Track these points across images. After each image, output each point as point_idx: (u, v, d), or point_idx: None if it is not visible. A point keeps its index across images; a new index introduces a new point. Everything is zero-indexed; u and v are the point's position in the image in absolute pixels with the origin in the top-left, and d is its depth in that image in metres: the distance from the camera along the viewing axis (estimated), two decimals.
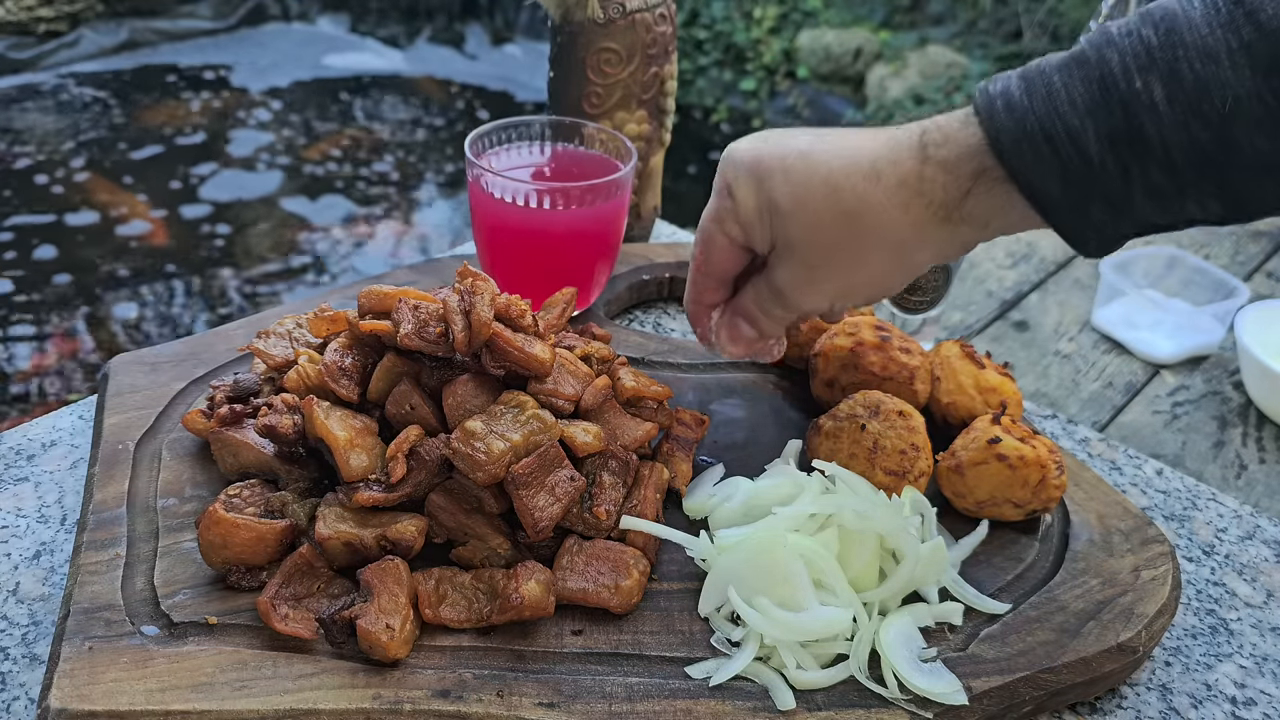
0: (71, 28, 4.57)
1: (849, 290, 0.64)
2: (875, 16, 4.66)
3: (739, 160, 0.63)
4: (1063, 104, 0.53)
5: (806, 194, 0.60)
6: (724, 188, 0.65)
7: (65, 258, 3.18)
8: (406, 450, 0.62)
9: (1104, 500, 0.74)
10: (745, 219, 0.63)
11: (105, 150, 3.85)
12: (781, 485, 0.68)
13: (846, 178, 0.59)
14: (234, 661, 0.56)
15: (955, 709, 0.57)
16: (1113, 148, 0.52)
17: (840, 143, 0.60)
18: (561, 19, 0.91)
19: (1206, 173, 0.52)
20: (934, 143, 0.57)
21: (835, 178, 0.59)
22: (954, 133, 0.57)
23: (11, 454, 0.75)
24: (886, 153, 0.58)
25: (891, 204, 0.58)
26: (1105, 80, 0.52)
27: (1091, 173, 0.53)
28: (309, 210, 3.60)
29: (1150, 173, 0.52)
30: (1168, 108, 0.51)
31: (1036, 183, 0.54)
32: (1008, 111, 0.54)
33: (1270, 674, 0.66)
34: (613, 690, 0.57)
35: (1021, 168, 0.54)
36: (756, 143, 0.63)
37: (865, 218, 0.59)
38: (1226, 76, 0.49)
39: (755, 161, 0.62)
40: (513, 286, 0.81)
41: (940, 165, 0.57)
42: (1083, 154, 0.53)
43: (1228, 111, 0.50)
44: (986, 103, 0.56)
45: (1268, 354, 1.00)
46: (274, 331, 0.76)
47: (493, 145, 0.88)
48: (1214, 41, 0.50)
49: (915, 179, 0.58)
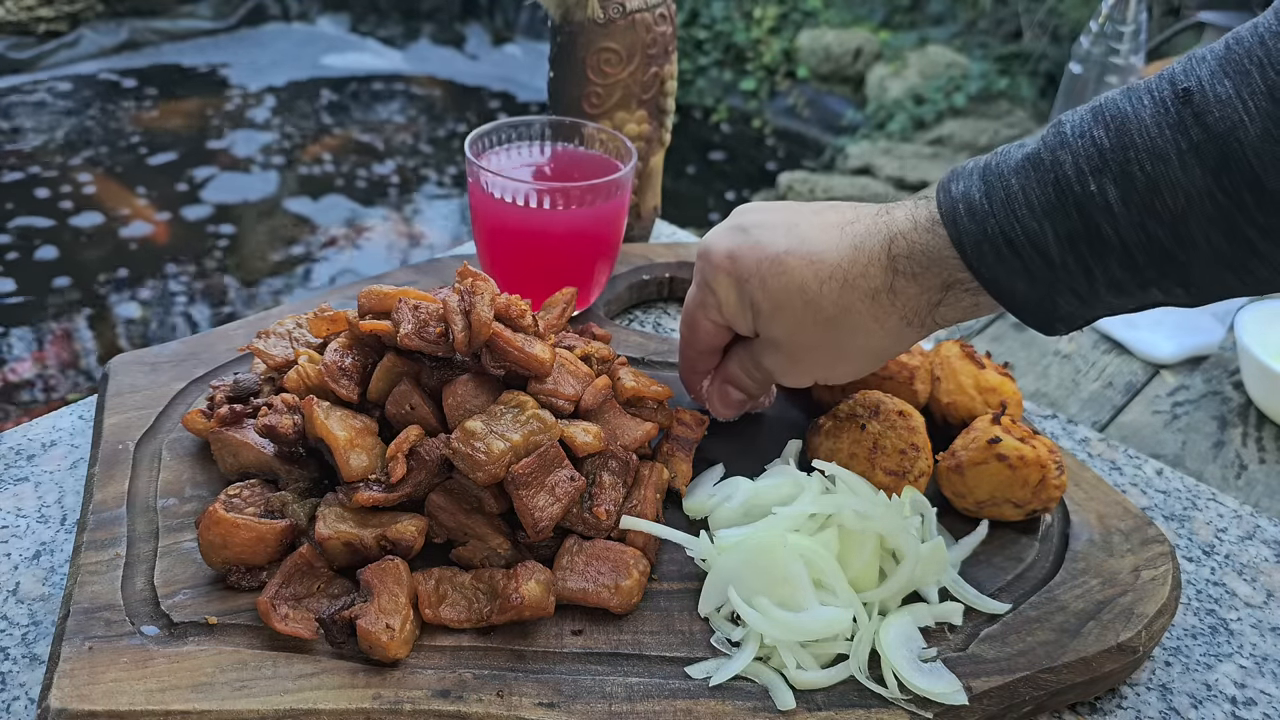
0: (71, 28, 4.57)
1: (830, 376, 0.68)
2: (875, 16, 4.66)
3: (716, 262, 0.65)
4: (1020, 208, 0.54)
5: (785, 301, 0.62)
6: (704, 283, 0.67)
7: (65, 258, 3.18)
8: (406, 450, 0.62)
9: (1104, 500, 0.74)
10: (728, 314, 0.67)
11: (105, 150, 3.85)
12: (781, 485, 0.68)
13: (820, 290, 0.61)
14: (234, 661, 0.56)
15: (955, 709, 0.57)
16: (1073, 248, 0.53)
17: (811, 248, 0.62)
18: (561, 19, 0.91)
19: (1167, 269, 0.53)
20: (901, 255, 0.59)
21: (810, 290, 0.61)
22: (919, 242, 0.58)
23: (11, 454, 0.75)
24: (854, 264, 0.60)
25: (865, 314, 0.61)
26: (1060, 183, 0.53)
27: (1054, 272, 0.54)
28: (309, 210, 3.60)
29: (1112, 269, 0.53)
30: (1123, 208, 0.51)
31: (1003, 282, 0.56)
32: (969, 215, 0.56)
33: (1270, 674, 0.66)
34: (613, 690, 0.57)
35: (986, 269, 0.56)
36: (731, 241, 0.65)
37: (841, 325, 0.62)
38: (1177, 177, 0.50)
39: (732, 264, 0.64)
40: (513, 286, 0.82)
41: (910, 279, 0.59)
42: (1044, 255, 0.54)
43: (1180, 211, 0.50)
44: (949, 206, 0.57)
45: (1268, 354, 1.00)
46: (274, 331, 0.76)
47: (493, 145, 0.88)
48: (1164, 143, 0.50)
49: (886, 293, 0.60)
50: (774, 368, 0.68)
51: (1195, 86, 0.50)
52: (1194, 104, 0.50)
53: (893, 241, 0.59)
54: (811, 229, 0.63)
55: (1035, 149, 0.55)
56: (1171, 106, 0.51)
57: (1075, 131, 0.54)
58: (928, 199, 0.60)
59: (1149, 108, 0.52)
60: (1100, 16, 1.54)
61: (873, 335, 0.62)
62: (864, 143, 4.07)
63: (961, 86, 4.09)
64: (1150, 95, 0.52)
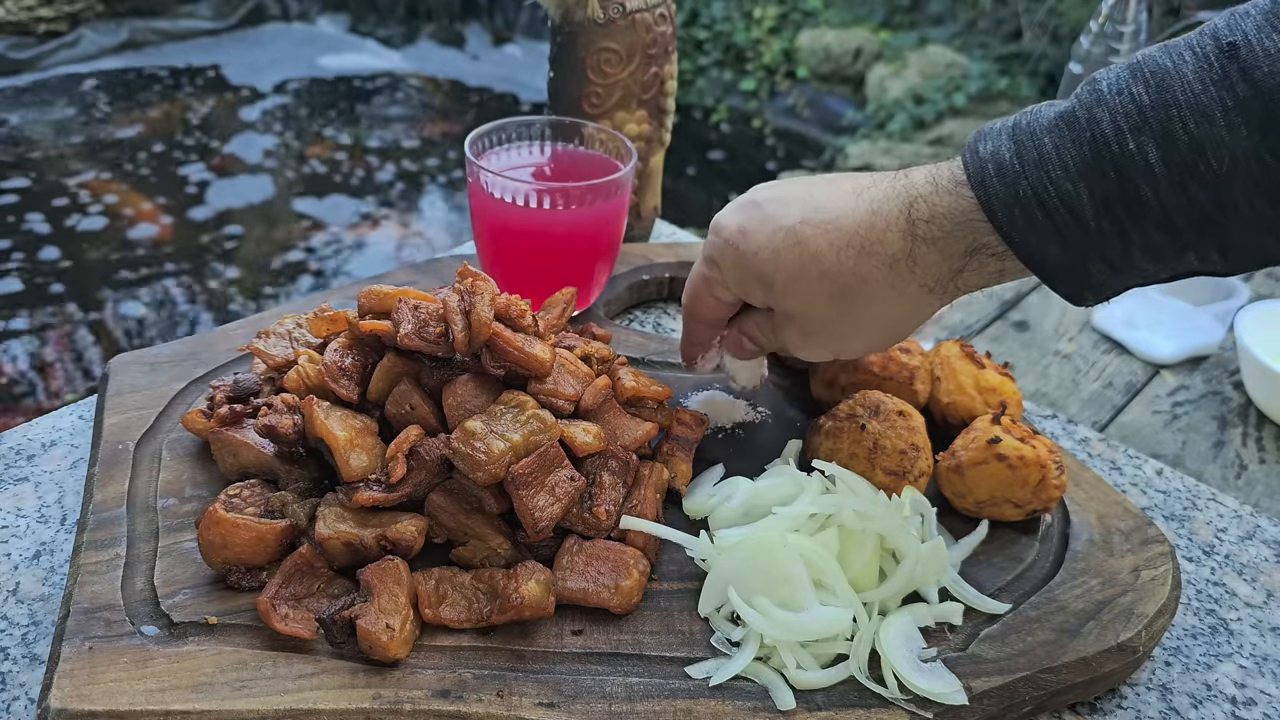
0: (71, 28, 4.57)
1: (847, 349, 0.66)
2: (875, 16, 4.66)
3: (728, 238, 0.63)
4: (1055, 168, 0.51)
5: (800, 275, 0.60)
6: (711, 259, 0.65)
7: (65, 258, 3.18)
8: (406, 450, 0.62)
9: (1104, 500, 0.74)
10: (739, 290, 0.65)
11: (105, 151, 3.85)
12: (781, 485, 0.68)
13: (837, 259, 0.58)
14: (234, 661, 0.56)
15: (955, 709, 0.57)
16: (1108, 211, 0.51)
17: (826, 216, 0.59)
18: (561, 19, 0.91)
19: (1207, 233, 0.50)
20: (921, 218, 0.56)
21: (825, 260, 0.59)
22: (941, 205, 0.55)
23: (11, 454, 0.75)
24: (871, 230, 0.57)
25: (883, 283, 0.58)
26: (1097, 142, 0.50)
27: (1088, 236, 0.52)
28: (309, 210, 3.60)
29: (1149, 234, 0.51)
30: (1163, 170, 0.49)
31: (1034, 246, 0.53)
32: (999, 176, 0.53)
33: (1270, 674, 0.66)
34: (613, 690, 0.57)
35: (1016, 233, 0.53)
36: (743, 216, 0.63)
37: (858, 295, 0.59)
38: (1222, 136, 0.48)
39: (743, 238, 0.62)
40: (513, 286, 0.82)
41: (931, 244, 0.56)
42: (1078, 218, 0.51)
43: (1224, 173, 0.48)
44: (977, 166, 0.54)
45: (1268, 354, 1.00)
46: (274, 331, 0.76)
47: (493, 145, 0.88)
48: (1208, 100, 0.48)
49: (905, 259, 0.57)
50: (790, 341, 0.66)
51: (1241, 40, 0.48)
52: (1240, 59, 0.47)
53: (912, 205, 0.56)
54: (826, 197, 0.60)
55: (1070, 107, 0.52)
56: (1215, 61, 0.48)
57: (1113, 89, 0.51)
58: (950, 160, 0.57)
59: (1190, 63, 0.49)
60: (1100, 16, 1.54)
61: (891, 304, 0.59)
62: (864, 143, 4.07)
63: (961, 86, 4.09)
64: (1192, 51, 0.49)
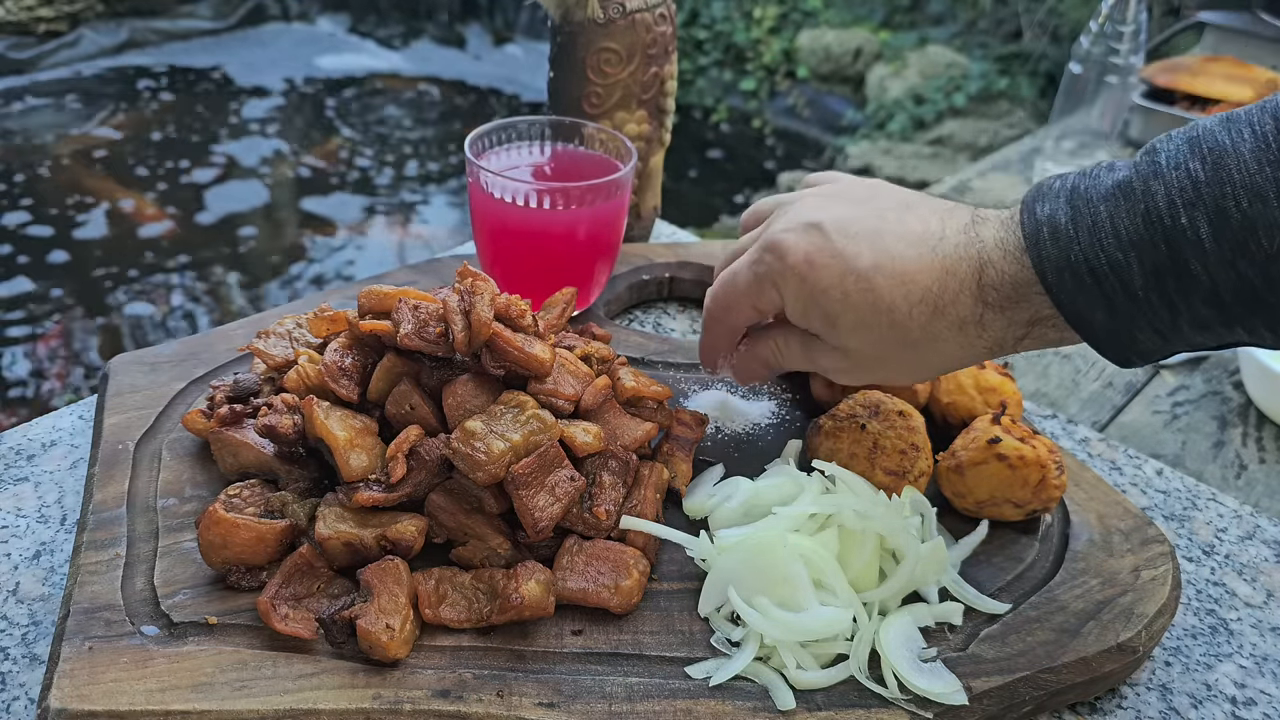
0: (71, 28, 4.57)
1: (892, 381, 0.66)
2: (875, 16, 4.66)
3: (794, 265, 0.61)
4: (1107, 236, 0.52)
5: (871, 320, 0.60)
6: (768, 278, 0.63)
7: (65, 258, 3.18)
8: (406, 450, 0.62)
9: (1104, 500, 0.74)
10: (800, 318, 0.63)
11: (104, 151, 3.85)
12: (781, 485, 0.68)
13: (909, 314, 0.58)
14: (234, 661, 0.56)
15: (955, 709, 0.57)
16: (1158, 282, 0.51)
17: (900, 267, 0.58)
18: (561, 19, 0.91)
19: (1256, 309, 0.51)
20: (991, 285, 0.57)
21: (897, 312, 0.59)
22: (1009, 273, 0.56)
23: (11, 454, 0.75)
24: (944, 290, 0.58)
25: (952, 342, 0.59)
26: (1150, 214, 0.51)
27: (1135, 305, 0.53)
28: (309, 210, 3.60)
29: (1196, 307, 0.52)
30: (1214, 245, 0.50)
31: (1082, 311, 0.54)
32: (1053, 240, 0.54)
33: (1270, 674, 0.66)
34: (613, 690, 0.57)
35: (1065, 296, 0.54)
36: (809, 245, 0.61)
37: (925, 349, 0.60)
38: (1275, 216, 0.48)
39: (810, 270, 0.60)
40: (513, 286, 0.82)
41: (999, 311, 0.57)
42: (1127, 287, 0.52)
43: (1275, 252, 0.49)
44: (1033, 228, 0.55)
45: (1268, 354, 1.00)
46: (274, 331, 0.76)
47: (493, 145, 0.88)
48: (1263, 180, 0.49)
49: (975, 324, 0.58)
50: (832, 367, 0.65)
51: None
52: None
53: (983, 269, 0.57)
54: (898, 242, 0.59)
55: (1127, 176, 0.53)
56: (1274, 142, 0.49)
57: (1170, 162, 0.52)
58: (1013, 218, 0.58)
59: (1249, 142, 0.50)
60: (1100, 16, 1.54)
61: (953, 359, 0.61)
62: (864, 143, 4.07)
63: (961, 86, 4.09)
64: (1251, 129, 0.50)
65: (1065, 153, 1.64)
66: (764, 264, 0.63)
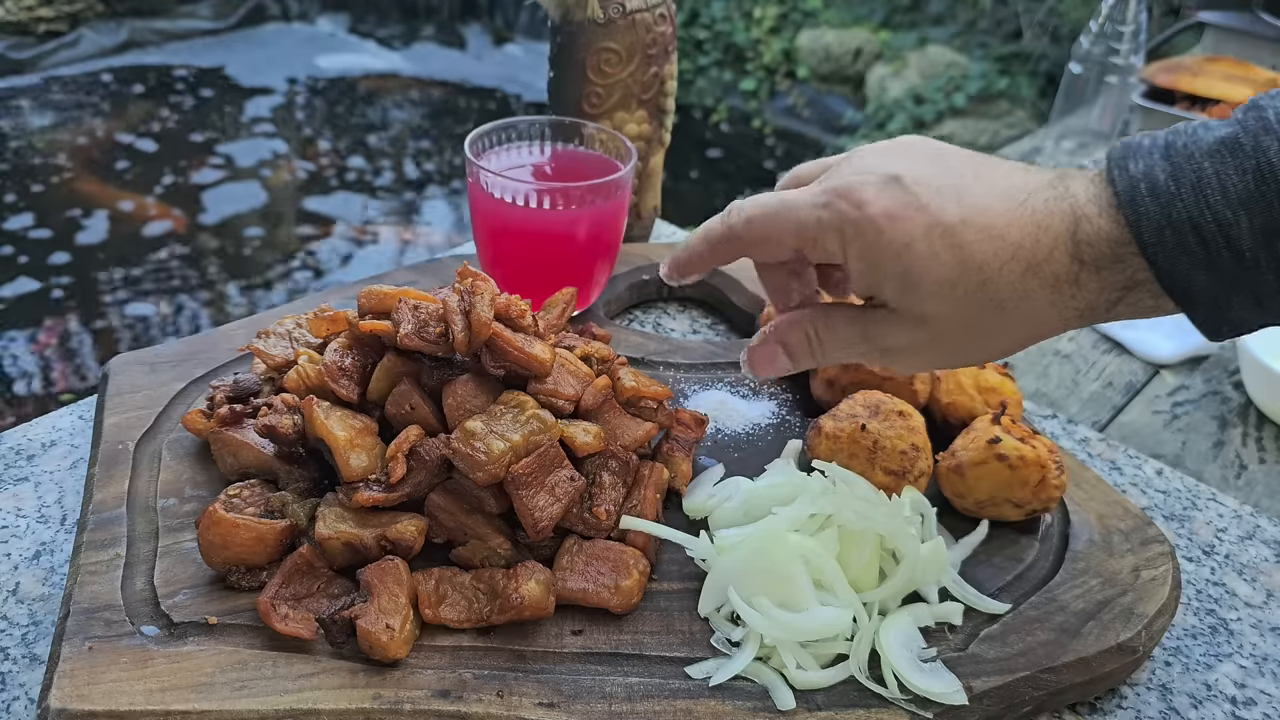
0: (71, 28, 4.57)
1: (965, 360, 0.60)
2: (875, 16, 4.66)
3: (873, 216, 0.55)
4: (1214, 194, 0.49)
5: (958, 281, 0.54)
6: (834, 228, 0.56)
7: (65, 258, 3.18)
8: (406, 450, 0.62)
9: (1104, 500, 0.74)
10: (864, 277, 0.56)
11: (104, 151, 3.85)
12: (781, 485, 0.68)
13: (1000, 269, 0.54)
14: (234, 661, 0.56)
15: (955, 709, 0.57)
16: (1268, 243, 0.49)
17: (989, 220, 0.54)
18: (561, 19, 0.91)
19: None
20: (1086, 241, 0.53)
21: (989, 270, 0.54)
22: (1105, 230, 0.52)
23: (11, 454, 0.75)
24: (1037, 245, 0.53)
25: (1044, 302, 0.54)
26: (1263, 171, 0.48)
27: (1241, 267, 0.50)
28: (309, 210, 3.60)
29: None
30: None
31: (1179, 274, 0.51)
32: (1152, 197, 0.51)
33: (1270, 674, 0.66)
34: (613, 690, 0.57)
35: (1164, 256, 0.51)
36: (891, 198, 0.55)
37: (1014, 312, 0.55)
38: None
39: (890, 223, 0.55)
40: (513, 286, 0.82)
41: (1095, 271, 0.53)
42: (1234, 248, 0.49)
43: None
44: (1127, 184, 0.52)
45: (1268, 354, 1.00)
46: (274, 331, 0.76)
47: (493, 145, 0.88)
48: None
49: (1069, 283, 0.54)
50: (901, 344, 0.57)
51: None
52: None
53: (1078, 225, 0.53)
54: (984, 195, 0.55)
55: (1233, 132, 0.50)
56: None
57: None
58: (1100, 176, 0.54)
59: None
60: (1100, 16, 1.54)
61: (1042, 325, 0.55)
62: (864, 143, 4.07)
63: (961, 86, 4.09)
64: None
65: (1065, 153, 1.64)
66: (834, 210, 0.56)
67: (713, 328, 0.97)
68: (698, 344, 0.89)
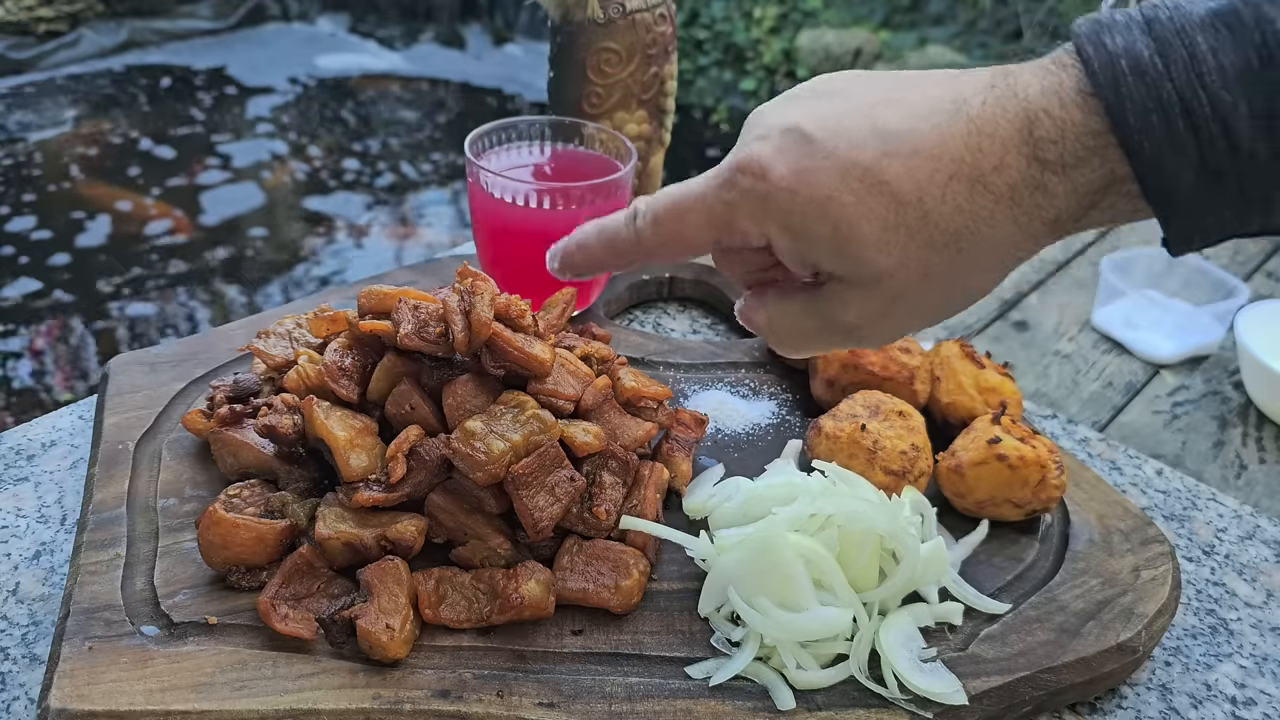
0: (71, 28, 4.57)
1: (938, 314, 0.52)
2: (875, 16, 4.66)
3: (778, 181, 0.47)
4: (1209, 72, 0.42)
5: (896, 220, 0.47)
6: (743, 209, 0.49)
7: (65, 258, 3.18)
8: (406, 450, 0.62)
9: (1104, 500, 0.74)
10: (788, 253, 0.49)
11: (104, 151, 3.85)
12: (781, 485, 0.68)
13: (942, 197, 0.46)
14: (234, 661, 0.56)
15: (955, 709, 0.57)
16: (1269, 134, 0.42)
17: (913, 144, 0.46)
18: (561, 19, 0.91)
19: None
20: (1047, 139, 0.45)
21: (928, 200, 0.46)
22: (1071, 121, 0.45)
23: (11, 454, 0.75)
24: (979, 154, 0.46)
25: (1004, 218, 0.47)
26: (1269, 46, 0.42)
27: (1235, 160, 0.43)
28: (309, 210, 3.60)
29: None
30: None
31: (1166, 168, 0.44)
32: (1136, 76, 0.43)
33: (1270, 674, 0.66)
34: (613, 690, 0.57)
35: (1150, 144, 0.43)
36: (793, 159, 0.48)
37: (973, 237, 0.47)
38: None
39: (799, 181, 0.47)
40: (513, 286, 0.81)
41: (1062, 173, 0.46)
42: (1229, 136, 0.42)
43: None
44: (1105, 62, 0.44)
45: (1268, 354, 1.00)
46: (274, 331, 0.76)
47: (493, 145, 0.88)
48: None
49: (1029, 190, 0.46)
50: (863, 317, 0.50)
51: None
52: None
53: (1033, 124, 0.45)
54: (903, 120, 0.47)
55: (1228, 3, 0.43)
56: None
57: None
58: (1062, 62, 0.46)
59: None
60: None
61: (1008, 248, 0.48)
62: None
63: None
64: None
65: None
66: (738, 188, 0.49)
67: (713, 328, 0.97)
68: (698, 344, 0.89)
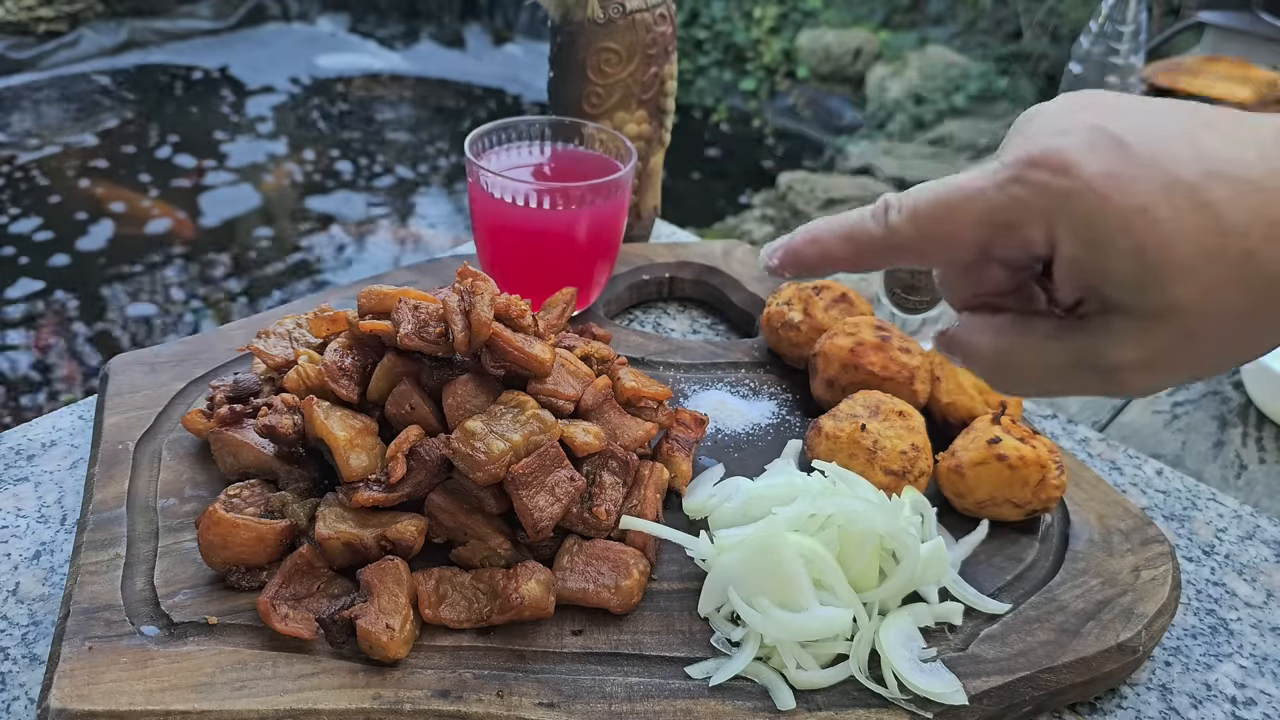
0: (71, 28, 4.57)
1: (1212, 367, 0.45)
2: (875, 16, 4.66)
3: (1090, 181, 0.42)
4: None
5: (1215, 253, 0.41)
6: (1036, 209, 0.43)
7: (64, 258, 3.18)
8: (406, 450, 0.62)
9: (1104, 500, 0.74)
10: (1085, 269, 0.43)
11: (104, 150, 3.85)
12: (781, 485, 0.68)
13: (1269, 234, 0.41)
14: (234, 661, 0.56)
15: (955, 709, 0.57)
16: None
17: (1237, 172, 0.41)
18: (561, 19, 0.91)
19: None
20: None
21: (1252, 234, 0.41)
22: None
23: (11, 454, 0.75)
24: None
25: None
26: None
27: None
28: (309, 210, 3.60)
29: None
30: None
31: None
32: None
33: (1270, 674, 0.66)
34: (613, 690, 0.57)
35: None
36: (1107, 155, 0.42)
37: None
38: None
39: (1113, 186, 0.42)
40: (513, 286, 0.82)
41: None
42: None
43: None
44: None
45: (1268, 354, 1.00)
46: (274, 331, 0.76)
47: (493, 145, 0.88)
48: None
49: None
50: (1137, 355, 0.43)
51: None
52: None
53: None
54: (1228, 144, 0.42)
55: None
56: None
57: None
58: None
59: None
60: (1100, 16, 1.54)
61: None
62: (864, 143, 4.07)
63: (961, 86, 4.09)
64: None
65: None
66: (1031, 183, 0.43)
67: (713, 328, 0.97)
68: (698, 344, 0.89)
